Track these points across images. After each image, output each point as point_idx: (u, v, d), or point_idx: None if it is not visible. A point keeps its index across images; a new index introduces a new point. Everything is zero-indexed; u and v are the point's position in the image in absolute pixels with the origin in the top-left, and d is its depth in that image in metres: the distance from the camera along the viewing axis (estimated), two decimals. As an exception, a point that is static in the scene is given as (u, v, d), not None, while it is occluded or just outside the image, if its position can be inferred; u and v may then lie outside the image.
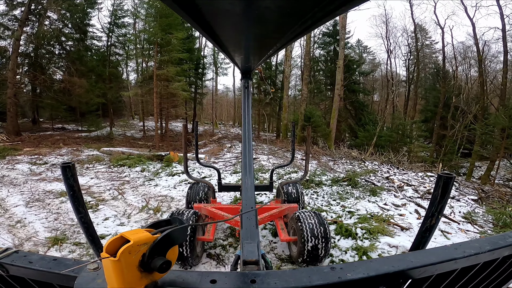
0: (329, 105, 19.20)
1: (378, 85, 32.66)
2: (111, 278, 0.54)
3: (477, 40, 16.24)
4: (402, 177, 8.61)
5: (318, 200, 5.47)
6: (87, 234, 1.29)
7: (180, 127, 25.11)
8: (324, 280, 0.63)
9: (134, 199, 5.45)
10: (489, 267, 0.82)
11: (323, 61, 20.84)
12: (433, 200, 1.12)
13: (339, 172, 8.53)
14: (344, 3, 0.66)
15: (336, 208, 5.17)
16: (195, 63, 20.07)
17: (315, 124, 13.31)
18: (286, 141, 14.05)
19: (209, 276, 0.64)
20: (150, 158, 8.57)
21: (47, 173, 7.40)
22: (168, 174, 6.98)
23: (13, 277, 0.72)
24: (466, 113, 18.86)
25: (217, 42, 1.19)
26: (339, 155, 11.87)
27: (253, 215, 1.80)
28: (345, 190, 6.18)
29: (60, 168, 1.20)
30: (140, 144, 13.24)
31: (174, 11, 0.77)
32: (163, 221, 0.66)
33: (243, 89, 2.83)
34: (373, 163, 10.96)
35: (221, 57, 27.14)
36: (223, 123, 36.97)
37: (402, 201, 6.17)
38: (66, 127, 19.32)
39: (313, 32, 16.99)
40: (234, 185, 4.45)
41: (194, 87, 21.44)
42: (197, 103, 22.18)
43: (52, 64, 16.98)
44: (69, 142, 13.82)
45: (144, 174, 7.15)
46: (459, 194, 7.59)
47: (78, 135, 16.30)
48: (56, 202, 5.31)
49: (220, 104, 41.35)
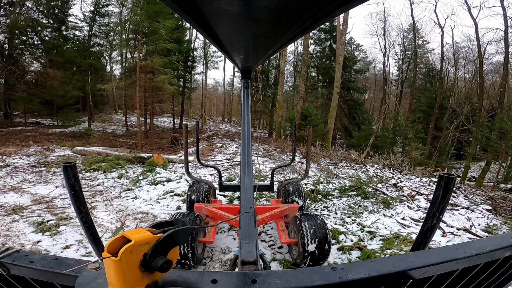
0: (324, 103, 18.49)
1: (370, 84, 32.37)
2: (112, 278, 0.55)
3: (479, 41, 15.88)
4: (410, 184, 7.95)
5: (331, 217, 4.66)
6: (88, 233, 1.32)
7: (167, 122, 23.81)
8: (325, 280, 0.62)
9: (107, 217, 4.45)
10: (490, 267, 0.82)
11: (319, 57, 20.03)
12: (434, 201, 1.14)
13: (343, 178, 7.77)
14: (344, 3, 0.66)
15: (353, 227, 4.39)
16: (185, 56, 18.79)
17: (312, 124, 12.52)
18: (282, 141, 13.20)
19: (210, 276, 0.64)
20: (130, 160, 7.50)
21: (6, 179, 6.24)
22: (150, 182, 5.94)
23: (14, 276, 0.73)
24: (459, 114, 18.67)
25: (217, 42, 1.19)
26: (338, 157, 11.15)
27: (251, 215, 1.79)
28: (356, 203, 5.40)
29: (62, 168, 1.24)
30: (121, 141, 12.02)
31: (174, 11, 0.83)
32: (165, 222, 0.66)
33: (242, 89, 2.79)
34: (374, 166, 10.31)
35: (212, 50, 25.91)
36: (212, 119, 35.80)
37: (418, 214, 5.57)
38: (41, 122, 17.70)
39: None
40: (235, 185, 4.38)
41: (183, 81, 20.15)
42: (185, 97, 20.93)
43: (27, 54, 15.36)
44: (40, 139, 12.42)
45: (121, 181, 6.09)
46: (470, 203, 7.03)
47: (52, 131, 14.84)
48: (7, 221, 4.25)
49: (210, 99, 39.96)
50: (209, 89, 38.61)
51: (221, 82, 39.40)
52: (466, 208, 6.43)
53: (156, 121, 23.25)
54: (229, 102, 36.86)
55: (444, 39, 20.53)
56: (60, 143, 11.58)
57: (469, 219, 5.88)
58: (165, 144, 11.64)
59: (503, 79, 14.73)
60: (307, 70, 15.79)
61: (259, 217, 2.86)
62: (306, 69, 15.15)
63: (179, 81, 19.55)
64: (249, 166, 2.40)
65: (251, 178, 2.30)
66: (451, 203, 6.49)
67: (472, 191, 8.67)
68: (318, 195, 5.55)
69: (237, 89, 34.21)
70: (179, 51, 16.27)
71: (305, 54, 14.14)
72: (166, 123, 23.17)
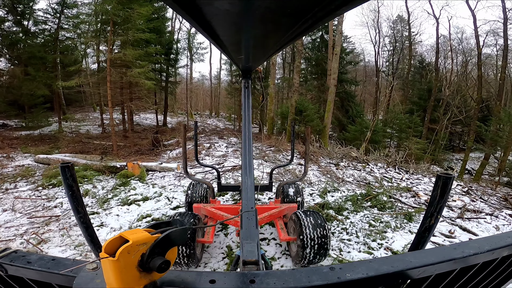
0: (317, 96, 17.56)
1: (360, 76, 31.80)
2: (110, 278, 0.54)
3: (477, 32, 15.28)
4: (423, 187, 7.16)
5: (352, 242, 3.70)
6: (86, 234, 1.33)
7: (150, 119, 22.27)
8: (324, 280, 0.62)
9: (62, 256, 3.30)
10: (488, 267, 0.82)
11: (310, 48, 19.00)
12: (432, 200, 1.14)
13: (349, 182, 6.87)
14: (345, 3, 0.66)
15: (381, 253, 3.48)
16: (166, 48, 17.27)
17: (307, 119, 11.56)
18: (275, 139, 12.18)
19: (208, 276, 0.63)
20: (101, 170, 6.29)
21: None
22: (122, 201, 4.74)
23: (12, 277, 0.73)
24: (451, 106, 18.28)
25: (217, 43, 1.19)
26: (337, 154, 10.28)
27: (253, 215, 1.78)
28: (376, 218, 4.49)
29: (59, 168, 1.23)
30: (96, 144, 10.63)
31: (176, 12, 0.83)
32: (164, 222, 0.66)
33: (243, 89, 2.77)
34: (377, 165, 9.50)
35: (197, 41, 24.36)
36: (198, 113, 34.31)
37: (444, 225, 4.79)
38: (8, 123, 15.91)
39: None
40: (234, 185, 4.34)
41: (166, 75, 18.62)
42: (168, 93, 19.48)
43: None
44: (2, 144, 10.87)
45: (86, 201, 4.89)
46: (490, 208, 6.34)
47: (18, 133, 13.22)
48: None
49: (196, 93, 38.24)
50: (194, 83, 36.94)
51: (207, 76, 37.78)
52: (490, 214, 5.72)
53: (138, 119, 21.69)
54: (216, 96, 35.40)
55: (439, 30, 19.85)
56: (23, 149, 10.10)
57: (497, 228, 5.22)
58: (146, 146, 10.37)
59: (502, 71, 14.21)
60: (301, 62, 14.71)
61: (258, 217, 2.77)
62: (300, 60, 14.06)
63: (161, 76, 18.05)
64: (250, 166, 2.35)
65: (252, 178, 2.26)
66: (473, 210, 5.77)
67: (485, 191, 8.05)
68: (329, 210, 4.59)
69: (224, 82, 32.79)
70: (159, 42, 14.81)
71: (300, 44, 13.05)
72: (150, 120, 21.63)
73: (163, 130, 15.64)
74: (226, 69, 26.06)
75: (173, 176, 6.42)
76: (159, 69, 17.53)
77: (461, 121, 20.14)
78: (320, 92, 17.90)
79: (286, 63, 23.23)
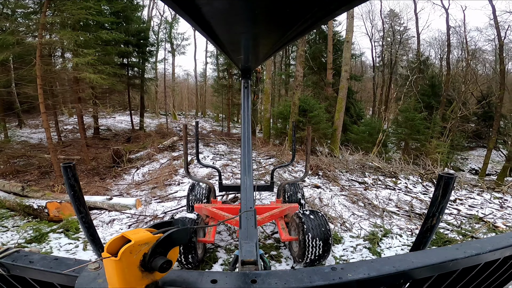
0: (317, 93, 15.43)
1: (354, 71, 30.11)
2: (112, 278, 0.54)
3: (497, 23, 13.64)
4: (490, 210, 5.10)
5: None
6: (88, 233, 1.30)
7: (126, 122, 19.55)
8: (325, 280, 0.61)
9: None
10: (490, 267, 0.81)
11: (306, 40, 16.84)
12: (434, 200, 1.14)
13: (393, 213, 4.73)
14: (345, 2, 0.65)
15: None
16: (139, 39, 14.62)
17: (314, 120, 9.42)
18: (273, 145, 9.91)
19: (210, 276, 0.63)
20: (15, 209, 3.88)
21: None
22: None
23: (14, 276, 0.71)
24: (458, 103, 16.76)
25: (217, 43, 1.17)
26: (354, 165, 8.17)
27: (251, 215, 1.76)
28: None
29: (61, 168, 1.20)
30: (41, 159, 8.00)
31: (175, 12, 0.76)
32: (165, 222, 0.65)
33: (242, 89, 2.73)
34: (408, 178, 7.45)
35: (178, 31, 21.75)
36: (183, 114, 31.56)
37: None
38: None
39: None
40: (235, 185, 4.31)
41: (141, 71, 15.89)
42: (144, 91, 16.83)
43: None
44: None
45: None
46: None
47: None
48: None
49: (179, 92, 35.33)
50: (178, 80, 34.12)
51: (191, 72, 34.99)
52: None
53: (112, 122, 18.90)
54: (202, 94, 32.76)
55: (449, 22, 18.11)
56: None
57: None
58: (106, 161, 7.87)
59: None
60: (305, 50, 12.45)
61: (259, 217, 2.74)
62: (304, 48, 11.81)
63: (133, 71, 15.35)
64: (249, 166, 2.28)
65: (251, 178, 2.21)
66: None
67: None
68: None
69: (210, 79, 30.20)
70: (126, 30, 12.22)
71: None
72: (125, 123, 18.86)
73: (137, 135, 13.07)
74: (212, 62, 23.45)
75: (128, 219, 4.04)
76: (132, 64, 14.88)
77: (467, 118, 18.71)
78: (319, 88, 15.80)
79: (278, 55, 20.96)
